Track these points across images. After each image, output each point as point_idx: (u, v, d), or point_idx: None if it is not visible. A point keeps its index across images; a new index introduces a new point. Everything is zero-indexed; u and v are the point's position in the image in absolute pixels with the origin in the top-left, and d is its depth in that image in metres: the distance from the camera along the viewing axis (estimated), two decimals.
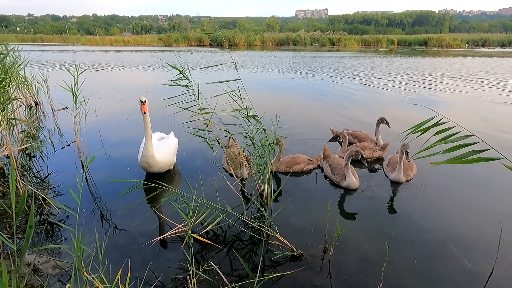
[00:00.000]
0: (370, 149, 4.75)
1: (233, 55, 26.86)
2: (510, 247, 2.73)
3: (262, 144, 3.29)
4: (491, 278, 2.44)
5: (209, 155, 4.49)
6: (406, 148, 3.90)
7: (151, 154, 3.80)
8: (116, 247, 2.71)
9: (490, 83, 12.68)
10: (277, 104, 8.72)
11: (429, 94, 10.31)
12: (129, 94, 9.89)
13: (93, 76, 14.44)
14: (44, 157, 4.77)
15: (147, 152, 3.77)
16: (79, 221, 3.03)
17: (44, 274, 2.44)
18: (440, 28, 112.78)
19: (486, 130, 6.17)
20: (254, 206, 3.44)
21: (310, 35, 56.79)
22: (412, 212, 3.36)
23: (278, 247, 2.69)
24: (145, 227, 2.97)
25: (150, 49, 41.20)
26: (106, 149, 5.08)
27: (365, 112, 7.89)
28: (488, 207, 3.48)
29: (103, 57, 25.91)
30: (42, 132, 6.03)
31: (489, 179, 4.17)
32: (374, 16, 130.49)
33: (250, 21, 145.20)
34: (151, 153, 3.80)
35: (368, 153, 4.71)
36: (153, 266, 2.51)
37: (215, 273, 2.39)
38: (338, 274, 2.49)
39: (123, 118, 6.98)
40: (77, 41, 56.67)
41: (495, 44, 55.61)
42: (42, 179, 4.07)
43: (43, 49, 37.99)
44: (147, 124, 3.75)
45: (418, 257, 2.68)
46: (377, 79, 13.63)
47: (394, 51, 38.80)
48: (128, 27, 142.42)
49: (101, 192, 3.70)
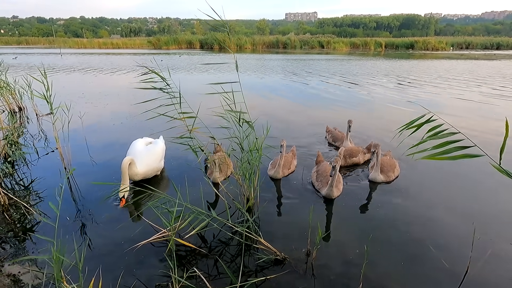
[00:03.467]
0: (362, 152, 4.78)
1: (225, 58, 26.91)
2: (483, 246, 2.84)
3: (251, 149, 3.31)
4: (466, 276, 2.54)
5: (195, 160, 4.49)
6: (375, 148, 4.02)
7: (135, 173, 3.84)
8: (99, 255, 2.70)
9: (477, 84, 13.08)
10: (273, 107, 8.78)
11: (424, 95, 10.56)
12: (117, 99, 9.78)
13: (80, 79, 14.23)
14: (28, 164, 4.69)
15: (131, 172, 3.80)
16: (62, 230, 3.00)
17: (24, 285, 2.41)
18: (426, 31, 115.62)
19: (473, 128, 6.38)
20: (239, 211, 3.47)
21: (300, 38, 57.34)
22: (393, 214, 3.45)
23: (262, 251, 2.72)
24: (129, 233, 2.96)
25: (139, 52, 40.84)
26: (92, 154, 5.03)
27: (361, 114, 8.03)
28: (465, 207, 3.61)
29: (91, 61, 25.55)
30: (25, 139, 5.92)
31: (468, 178, 4.31)
32: (362, 19, 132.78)
33: (241, 24, 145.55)
34: (136, 172, 3.85)
35: (362, 158, 4.75)
36: (136, 273, 2.51)
37: (200, 279, 2.40)
38: (321, 276, 2.55)
39: (109, 123, 6.91)
40: (64, 44, 55.71)
41: (478, 47, 57.36)
42: (25, 186, 4.00)
43: (28, 52, 37.19)
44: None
45: (397, 257, 2.75)
46: (370, 81, 13.88)
47: (383, 54, 39.58)
48: (117, 30, 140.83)
49: (86, 199, 3.66)
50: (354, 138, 5.84)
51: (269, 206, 3.56)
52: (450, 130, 2.00)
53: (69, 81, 13.77)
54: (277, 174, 4.17)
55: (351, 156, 4.60)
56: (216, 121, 3.53)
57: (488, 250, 2.79)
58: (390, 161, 4.29)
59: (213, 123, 3.56)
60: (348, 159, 4.58)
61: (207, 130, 3.45)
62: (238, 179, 3.50)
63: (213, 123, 3.57)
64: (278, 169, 4.15)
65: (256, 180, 3.41)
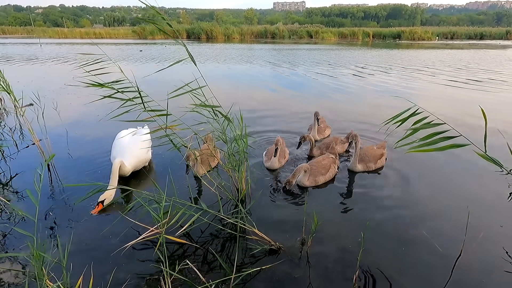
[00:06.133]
0: (340, 142, 4.71)
1: (212, 48, 26.36)
2: (476, 230, 2.87)
3: (236, 139, 3.19)
4: (459, 260, 2.55)
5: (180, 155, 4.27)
6: (352, 138, 4.02)
7: (126, 170, 3.73)
8: (84, 251, 2.57)
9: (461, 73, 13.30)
10: (264, 98, 8.65)
11: (411, 85, 10.64)
12: (101, 90, 9.39)
13: (61, 70, 13.64)
14: (7, 158, 4.44)
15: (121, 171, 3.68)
16: (43, 226, 2.84)
17: (5, 283, 2.27)
18: (413, 21, 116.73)
19: (455, 116, 6.46)
20: (231, 203, 3.38)
21: (288, 27, 56.81)
22: (386, 201, 3.45)
23: (256, 242, 2.66)
24: (116, 228, 2.82)
25: (124, 41, 39.50)
26: (74, 148, 4.80)
27: (350, 103, 8.02)
28: (457, 192, 3.65)
29: (72, 50, 24.54)
30: (3, 131, 5.61)
31: (457, 165, 4.36)
32: (350, 9, 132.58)
33: (228, 13, 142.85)
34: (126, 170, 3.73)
35: (341, 148, 4.70)
36: (125, 269, 2.40)
37: (192, 272, 2.32)
38: (316, 265, 2.51)
39: (93, 115, 6.63)
40: (43, 34, 53.21)
41: (462, 37, 58.40)
42: (5, 182, 3.78)
43: (4, 42, 35.39)
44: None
45: (392, 243, 2.75)
46: (362, 71, 13.89)
47: (370, 44, 39.74)
48: (99, 19, 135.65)
49: (68, 194, 3.48)
50: (340, 128, 5.82)
51: (262, 197, 3.48)
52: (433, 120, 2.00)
53: (50, 72, 13.17)
54: (274, 164, 4.10)
55: (327, 148, 4.50)
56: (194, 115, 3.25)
57: (480, 233, 2.82)
58: (375, 151, 4.22)
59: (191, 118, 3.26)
60: (324, 151, 4.47)
61: (185, 126, 3.13)
62: (228, 171, 3.39)
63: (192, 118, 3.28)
64: (275, 159, 4.09)
65: (244, 171, 3.31)
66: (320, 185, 3.75)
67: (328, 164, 3.85)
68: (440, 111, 6.85)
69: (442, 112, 6.73)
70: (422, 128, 1.97)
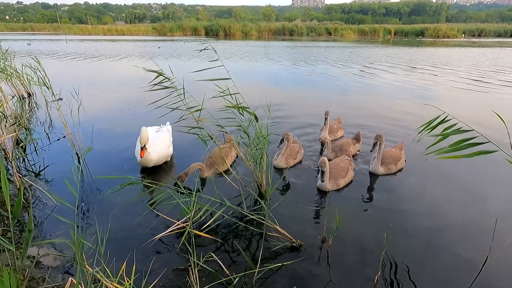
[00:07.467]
0: (352, 144, 4.61)
1: (229, 45, 26.50)
2: (503, 236, 2.79)
3: (257, 135, 3.25)
4: (485, 266, 2.50)
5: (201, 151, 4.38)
6: (377, 139, 3.90)
7: (149, 159, 3.90)
8: (116, 240, 2.71)
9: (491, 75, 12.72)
10: (280, 95, 8.67)
11: (434, 87, 10.31)
12: (124, 86, 9.73)
13: (87, 66, 14.18)
14: (39, 150, 4.71)
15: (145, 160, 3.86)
16: (79, 215, 3.02)
17: (44, 266, 2.45)
18: (437, 18, 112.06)
19: (486, 123, 6.21)
20: (253, 199, 3.45)
21: (307, 24, 56.11)
22: (410, 203, 3.41)
23: (277, 239, 2.71)
24: (144, 220, 2.96)
25: (144, 38, 40.43)
26: (102, 141, 5.02)
27: (371, 103, 7.89)
28: (484, 198, 3.54)
29: (97, 47, 25.40)
30: (35, 124, 5.94)
31: (484, 170, 4.22)
32: (371, 5, 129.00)
33: (246, 10, 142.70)
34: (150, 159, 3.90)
35: (353, 149, 4.59)
36: (154, 259, 2.52)
37: (216, 265, 2.41)
38: (337, 263, 2.53)
39: (117, 110, 6.89)
40: (68, 30, 55.27)
41: (491, 35, 55.56)
42: (38, 172, 4.02)
43: (34, 39, 37.07)
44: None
45: (415, 246, 2.73)
46: (379, 70, 13.59)
47: (391, 41, 38.61)
48: (121, 16, 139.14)
49: (98, 186, 3.67)
50: (361, 128, 5.74)
51: (281, 195, 3.53)
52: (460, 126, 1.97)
53: (76, 68, 13.72)
54: (279, 163, 4.11)
55: (340, 150, 4.45)
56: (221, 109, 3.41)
57: (506, 241, 2.75)
58: (394, 153, 4.15)
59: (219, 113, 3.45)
60: (338, 153, 4.41)
61: (214, 120, 3.33)
62: (250, 165, 3.46)
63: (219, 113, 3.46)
64: (281, 158, 4.11)
65: (265, 166, 3.37)
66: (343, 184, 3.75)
67: (346, 167, 3.81)
68: (464, 114, 6.63)
69: (467, 116, 6.51)
70: (451, 134, 1.95)
